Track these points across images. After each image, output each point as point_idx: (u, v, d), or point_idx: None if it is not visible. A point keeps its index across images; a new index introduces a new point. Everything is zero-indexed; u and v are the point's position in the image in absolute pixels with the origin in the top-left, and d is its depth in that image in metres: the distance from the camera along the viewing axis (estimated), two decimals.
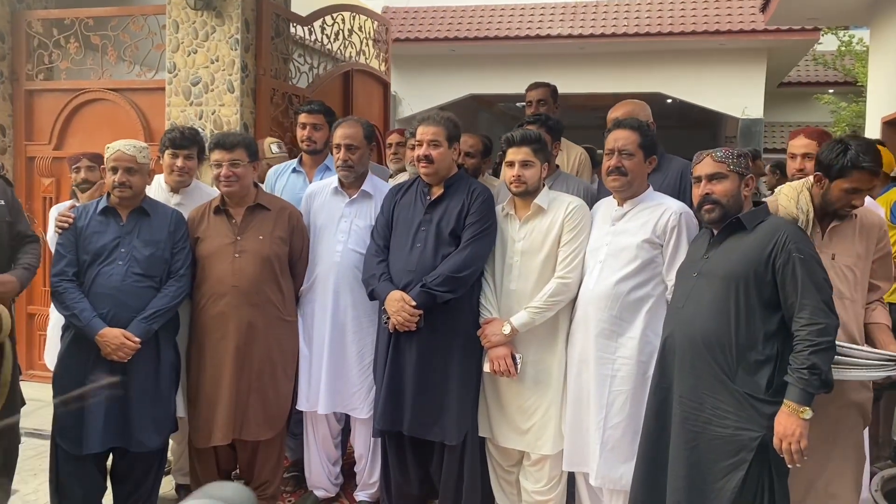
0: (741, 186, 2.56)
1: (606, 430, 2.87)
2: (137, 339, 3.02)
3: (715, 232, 2.63)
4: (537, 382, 3.08)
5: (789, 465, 2.34)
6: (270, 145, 4.34)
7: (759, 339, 2.42)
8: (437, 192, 3.21)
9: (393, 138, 4.74)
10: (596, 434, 2.90)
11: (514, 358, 3.02)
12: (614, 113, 3.46)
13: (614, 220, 2.99)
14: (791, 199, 2.71)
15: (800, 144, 3.29)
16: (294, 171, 3.97)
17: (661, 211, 2.90)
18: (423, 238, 3.14)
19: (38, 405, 3.15)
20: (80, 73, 5.23)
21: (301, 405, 3.49)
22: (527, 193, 3.09)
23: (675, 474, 2.55)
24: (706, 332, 2.48)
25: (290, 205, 3.51)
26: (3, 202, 3.04)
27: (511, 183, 3.09)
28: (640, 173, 2.95)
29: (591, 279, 2.96)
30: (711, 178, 2.57)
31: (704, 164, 2.60)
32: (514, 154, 3.09)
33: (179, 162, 3.54)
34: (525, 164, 3.06)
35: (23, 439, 4.31)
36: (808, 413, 2.28)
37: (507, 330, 3.00)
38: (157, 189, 3.61)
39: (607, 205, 3.10)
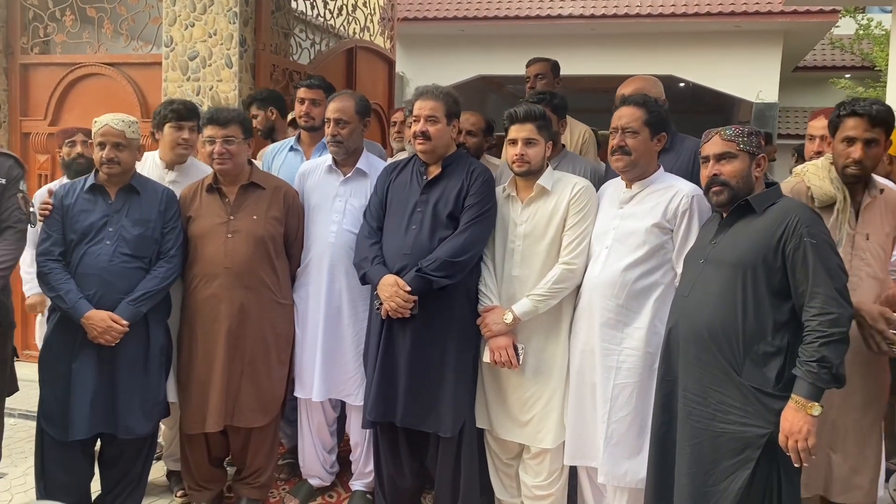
0: (752, 167, 2.40)
1: (611, 424, 2.74)
2: (125, 323, 2.92)
3: (724, 216, 2.48)
4: (538, 373, 2.94)
5: (796, 465, 2.20)
6: None
7: (769, 329, 2.27)
8: (435, 171, 3.06)
9: (398, 116, 4.56)
10: (601, 428, 2.77)
11: (515, 348, 2.88)
12: (623, 90, 3.31)
13: (622, 203, 2.84)
14: (824, 178, 2.56)
15: (819, 126, 3.14)
16: (291, 149, 3.83)
17: (671, 193, 2.74)
18: (418, 220, 3.00)
19: (33, 385, 3.05)
20: (76, 46, 5.09)
21: (296, 391, 3.38)
22: (529, 173, 2.94)
23: (679, 473, 2.42)
24: (712, 322, 2.34)
25: (285, 183, 3.38)
26: (3, 181, 2.90)
27: (513, 162, 2.94)
28: (645, 152, 2.79)
29: (596, 265, 2.82)
30: (720, 157, 2.42)
31: (713, 144, 2.45)
32: (516, 131, 2.93)
33: (186, 134, 3.40)
34: (528, 142, 2.91)
35: (15, 421, 4.28)
36: (816, 409, 2.14)
37: (508, 319, 2.86)
38: (152, 166, 3.49)
39: (615, 187, 2.94)
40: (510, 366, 2.87)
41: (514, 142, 2.94)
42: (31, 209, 3.00)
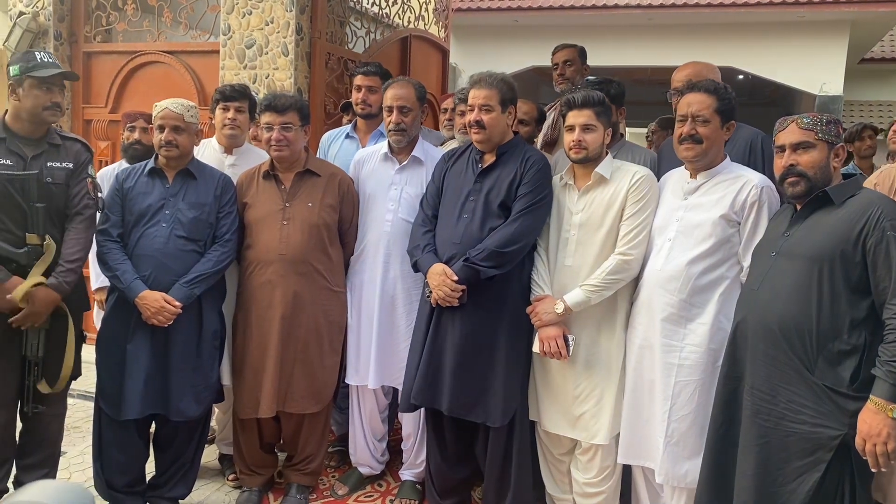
0: (830, 157, 2.29)
1: (671, 422, 2.64)
2: (178, 304, 2.94)
3: (798, 207, 2.36)
4: (590, 367, 2.86)
5: (873, 469, 2.09)
6: None
7: (845, 326, 2.16)
8: (490, 159, 3.00)
9: (448, 103, 4.49)
10: (660, 427, 2.67)
11: (566, 339, 2.80)
12: (680, 74, 3.20)
13: (686, 194, 2.73)
14: None
15: None
16: (347, 136, 3.82)
17: (740, 184, 2.62)
18: (471, 209, 2.94)
19: (91, 367, 3.12)
20: (137, 35, 5.17)
21: (350, 379, 3.37)
22: (587, 160, 2.85)
23: (742, 473, 2.32)
24: (783, 317, 2.24)
25: (340, 171, 3.38)
26: (70, 165, 2.95)
27: (570, 149, 2.86)
28: (716, 141, 2.68)
29: (658, 259, 2.72)
30: (796, 147, 2.31)
31: (789, 132, 2.34)
32: (574, 117, 2.85)
33: (230, 114, 3.45)
34: (586, 128, 2.82)
35: (74, 401, 4.38)
36: None
37: (559, 308, 2.79)
38: (211, 152, 3.53)
39: (678, 176, 2.83)
40: (559, 357, 2.80)
41: (571, 128, 2.86)
42: (100, 194, 3.04)
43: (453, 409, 2.95)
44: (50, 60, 2.86)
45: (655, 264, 2.72)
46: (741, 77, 12.51)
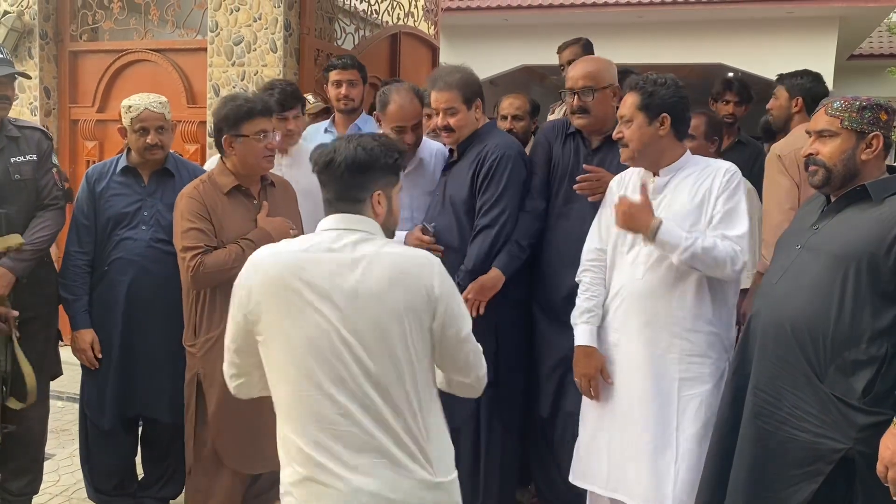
0: (858, 147, 2.05)
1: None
2: (100, 355, 2.92)
3: (833, 199, 2.14)
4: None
5: (894, 498, 1.88)
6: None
7: (865, 335, 1.96)
8: (456, 155, 2.97)
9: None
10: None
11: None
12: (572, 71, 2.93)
13: (654, 193, 2.46)
14: None
15: None
16: (326, 131, 3.78)
17: (711, 174, 2.42)
18: (434, 205, 2.94)
19: (74, 368, 3.07)
20: (124, 33, 5.12)
21: None
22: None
23: (736, 472, 2.19)
24: (797, 317, 2.05)
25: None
26: (35, 157, 2.87)
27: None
28: (646, 140, 2.44)
29: (635, 269, 2.50)
30: (820, 134, 2.10)
31: (817, 118, 2.13)
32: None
33: (291, 125, 3.24)
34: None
35: (63, 404, 4.33)
36: None
37: None
38: None
39: (637, 176, 2.58)
40: None
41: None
42: (66, 184, 2.97)
43: None
44: (1, 56, 2.78)
45: (636, 273, 2.49)
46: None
